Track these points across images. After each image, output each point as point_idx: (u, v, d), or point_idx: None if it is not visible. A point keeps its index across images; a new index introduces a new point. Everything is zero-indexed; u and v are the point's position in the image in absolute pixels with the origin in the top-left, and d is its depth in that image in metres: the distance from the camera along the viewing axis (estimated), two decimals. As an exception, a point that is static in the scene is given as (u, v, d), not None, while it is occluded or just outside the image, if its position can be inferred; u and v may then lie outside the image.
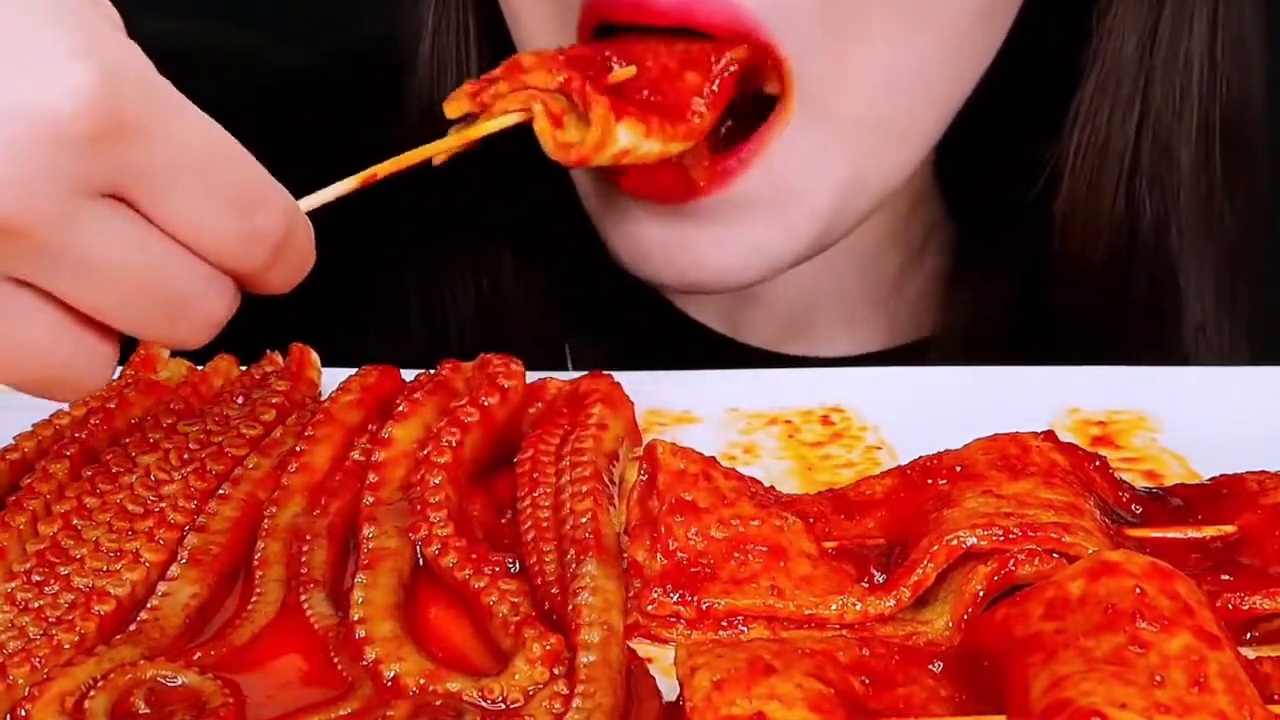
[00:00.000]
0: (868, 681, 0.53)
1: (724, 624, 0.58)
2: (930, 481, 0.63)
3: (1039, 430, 0.65)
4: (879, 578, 0.59)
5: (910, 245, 0.98)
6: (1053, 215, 0.88)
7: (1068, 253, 0.88)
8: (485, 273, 0.95)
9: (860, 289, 0.98)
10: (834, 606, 0.58)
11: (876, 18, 0.76)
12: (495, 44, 0.88)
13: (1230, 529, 0.61)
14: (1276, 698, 0.53)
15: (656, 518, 0.60)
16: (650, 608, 0.58)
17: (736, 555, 0.59)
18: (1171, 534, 0.62)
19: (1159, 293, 0.88)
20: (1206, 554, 0.61)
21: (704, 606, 0.58)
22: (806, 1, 0.75)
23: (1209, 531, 0.62)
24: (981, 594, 0.57)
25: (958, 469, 0.63)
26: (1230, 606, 0.57)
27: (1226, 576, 0.59)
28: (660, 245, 0.81)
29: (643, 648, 0.58)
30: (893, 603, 0.58)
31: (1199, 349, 0.90)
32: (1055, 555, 0.57)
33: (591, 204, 0.85)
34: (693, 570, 0.59)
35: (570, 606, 0.56)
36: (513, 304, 0.95)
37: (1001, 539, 0.57)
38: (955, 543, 0.58)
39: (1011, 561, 0.57)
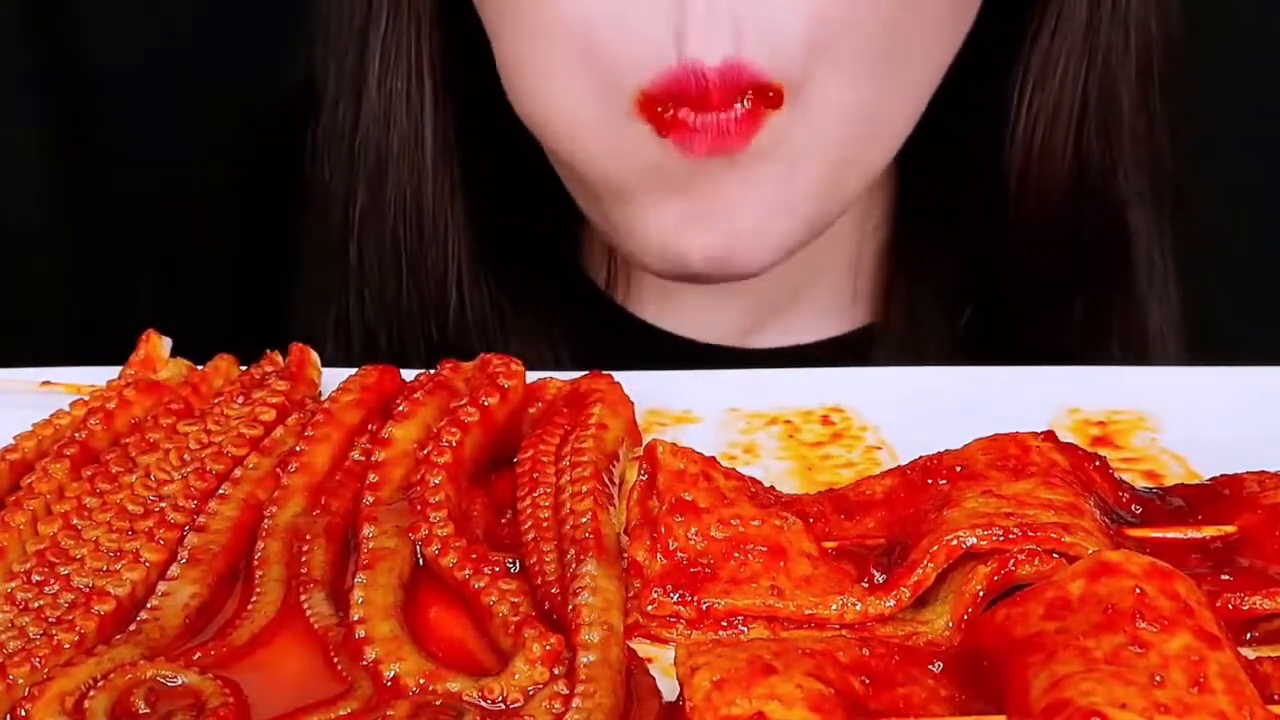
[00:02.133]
0: (868, 681, 0.53)
1: (724, 624, 0.58)
2: (930, 481, 0.63)
3: (1039, 430, 0.65)
4: (879, 578, 0.59)
5: (867, 224, 0.98)
6: (1006, 169, 0.90)
7: (1022, 206, 0.90)
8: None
9: (825, 273, 0.98)
10: (834, 606, 0.58)
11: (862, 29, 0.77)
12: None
13: (1230, 529, 0.61)
14: (1276, 698, 0.53)
15: (656, 518, 0.60)
16: (650, 608, 0.58)
17: (736, 555, 0.59)
18: (1171, 534, 0.62)
19: (1108, 235, 0.91)
20: (1206, 554, 0.61)
21: (704, 606, 0.58)
22: (794, 36, 0.76)
23: (1209, 531, 0.62)
24: (981, 594, 0.57)
25: (958, 469, 0.63)
26: (1230, 606, 0.57)
27: (1226, 576, 0.59)
28: (698, 219, 0.81)
29: (643, 648, 0.58)
30: (893, 603, 0.58)
31: (1150, 285, 0.93)
32: (1055, 555, 0.57)
33: (606, 207, 0.85)
34: (693, 570, 0.59)
35: (570, 606, 0.56)
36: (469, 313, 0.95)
37: (1001, 539, 0.57)
38: (955, 543, 0.58)
39: (1011, 561, 0.57)
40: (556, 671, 0.54)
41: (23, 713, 0.52)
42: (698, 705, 0.50)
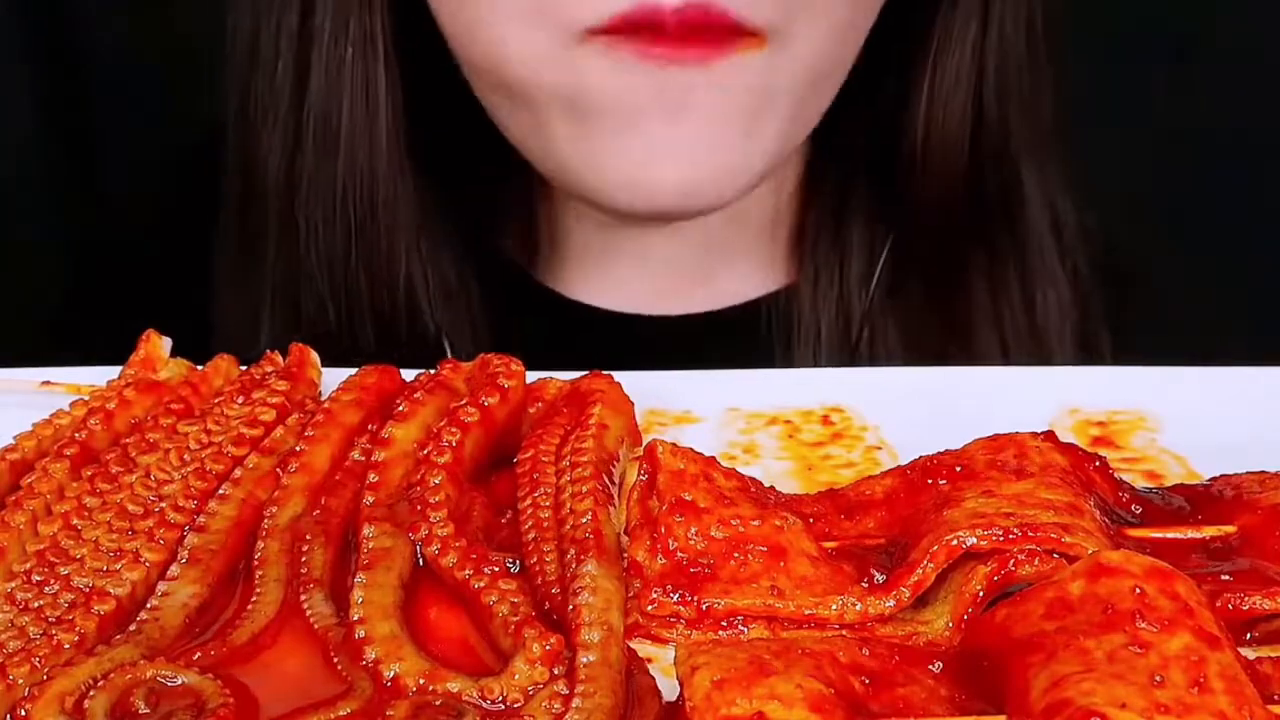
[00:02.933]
0: (868, 681, 0.53)
1: (724, 624, 0.58)
2: (930, 481, 0.63)
3: (1039, 430, 0.65)
4: (879, 578, 0.59)
5: (784, 185, 1.00)
6: (909, 133, 0.95)
7: (926, 165, 0.95)
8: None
9: (745, 234, 1.00)
10: (834, 607, 0.58)
11: None
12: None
13: (1230, 529, 0.61)
14: (1276, 698, 0.53)
15: (656, 518, 0.60)
16: (650, 608, 0.58)
17: (736, 555, 0.59)
18: (1171, 534, 0.62)
19: (1006, 190, 0.98)
20: (1206, 554, 0.61)
21: (704, 606, 0.58)
22: None
23: (1209, 531, 0.62)
24: (981, 594, 0.57)
25: (957, 469, 0.63)
26: (1230, 606, 0.57)
27: (1226, 577, 0.59)
28: (664, 153, 0.81)
29: (643, 648, 0.58)
30: (893, 603, 0.58)
31: (1042, 232, 0.99)
32: (1055, 555, 0.57)
33: (540, 129, 0.84)
34: (693, 570, 0.59)
35: (570, 607, 0.56)
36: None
37: (1001, 539, 0.57)
38: (955, 543, 0.58)
39: (1011, 561, 0.57)
40: (556, 671, 0.54)
41: (23, 713, 0.52)
42: (698, 705, 0.50)
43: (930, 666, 0.54)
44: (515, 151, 0.89)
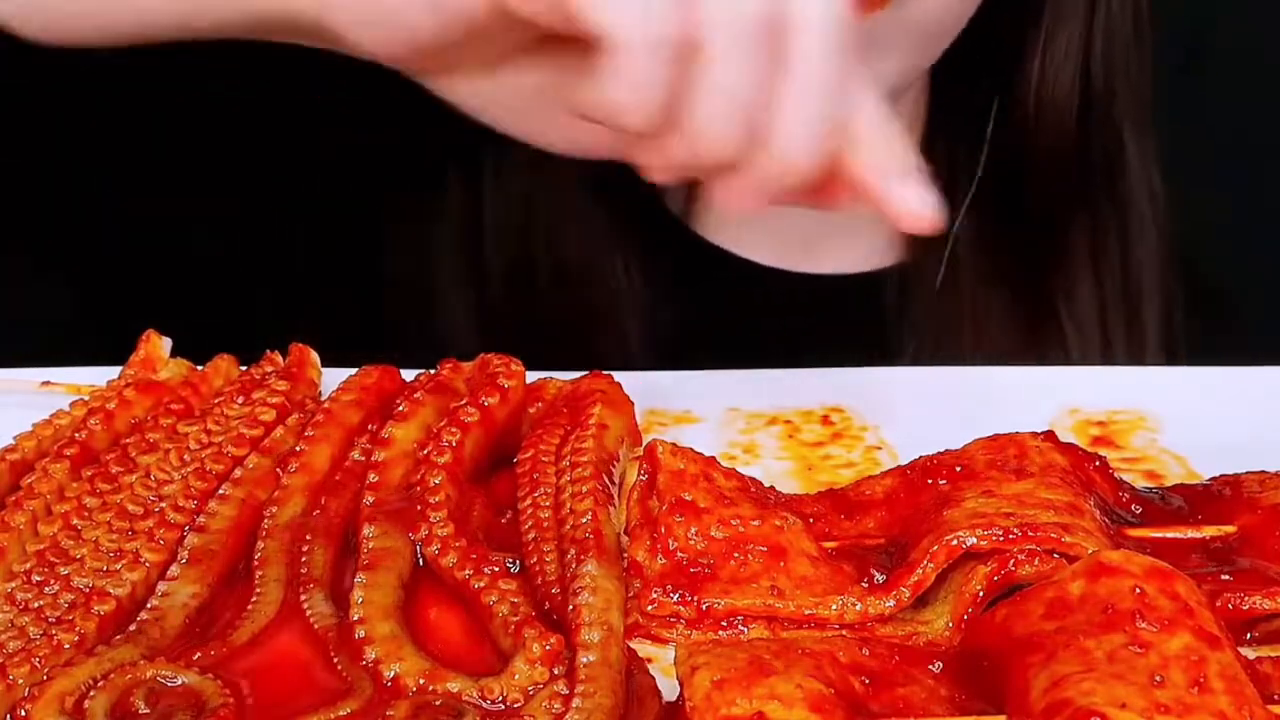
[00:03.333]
0: (868, 681, 0.53)
1: (724, 624, 0.58)
2: (930, 481, 0.63)
3: (1039, 430, 0.65)
4: (879, 578, 0.59)
5: None
6: (1022, 102, 1.01)
7: (1038, 130, 1.02)
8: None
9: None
10: (834, 607, 0.58)
11: None
12: None
13: (1230, 529, 0.61)
14: (1276, 698, 0.53)
15: (656, 518, 0.60)
16: (650, 608, 0.58)
17: (736, 555, 0.59)
18: (1171, 534, 0.62)
19: (1109, 157, 1.04)
20: (1207, 554, 0.61)
21: (704, 607, 0.58)
22: None
23: (1209, 531, 0.62)
24: (981, 594, 0.57)
25: (957, 469, 0.63)
26: (1230, 606, 0.57)
27: (1226, 576, 0.59)
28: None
29: (643, 648, 0.58)
30: (892, 603, 0.58)
31: (1142, 200, 1.05)
32: (1055, 555, 0.57)
33: None
34: (693, 570, 0.59)
35: (570, 607, 0.56)
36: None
37: (1001, 539, 0.57)
38: (955, 543, 0.58)
39: (1011, 562, 0.57)
40: (556, 671, 0.54)
41: (23, 713, 0.52)
42: (698, 705, 0.50)
43: (930, 666, 0.54)
44: None
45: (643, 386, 0.72)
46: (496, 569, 0.59)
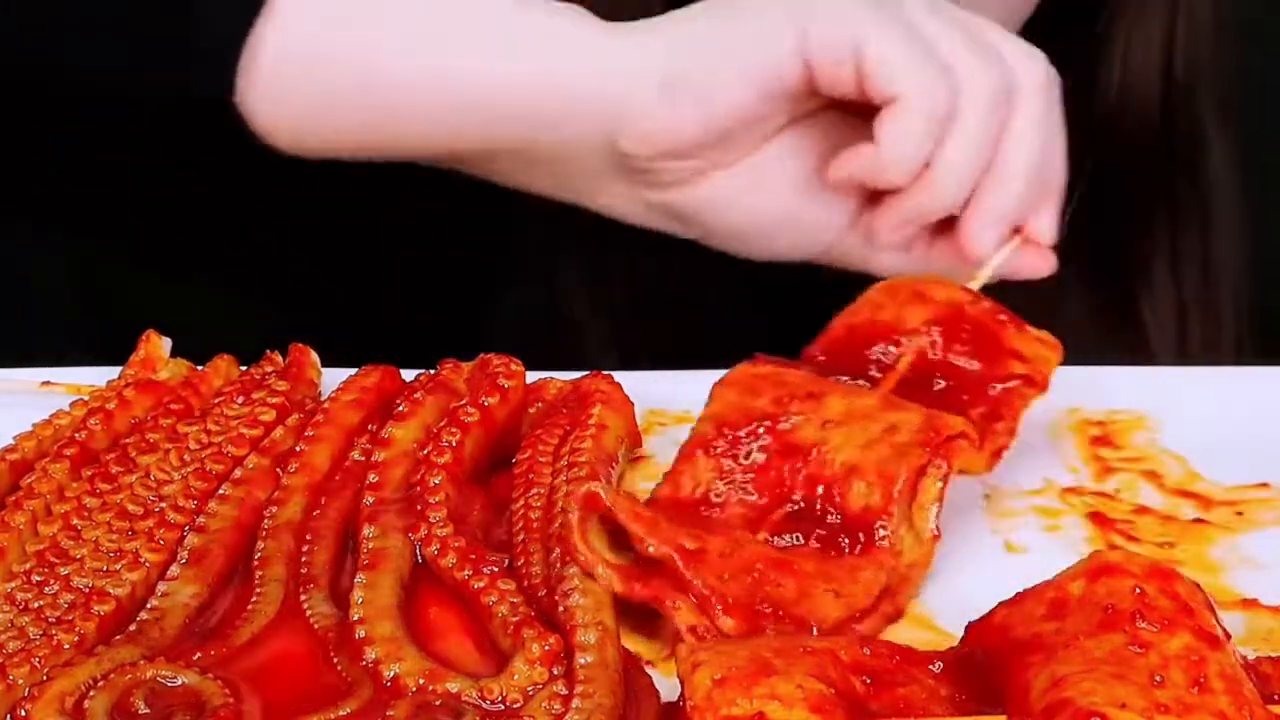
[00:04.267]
0: (868, 681, 0.53)
1: None
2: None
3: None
4: None
5: None
6: (1105, 89, 1.01)
7: (1121, 119, 1.01)
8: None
9: None
10: None
11: None
12: None
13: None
14: (1276, 698, 0.53)
15: None
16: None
17: None
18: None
19: (1191, 147, 1.04)
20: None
21: None
22: None
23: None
24: None
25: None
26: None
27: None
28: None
29: (641, 647, 0.58)
30: None
31: (1223, 190, 1.05)
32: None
33: None
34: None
35: (561, 608, 0.56)
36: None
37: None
38: None
39: None
40: (555, 671, 0.54)
41: (23, 713, 0.52)
42: (698, 704, 0.50)
43: (930, 666, 0.54)
44: None
45: (643, 386, 0.72)
46: (496, 569, 0.59)
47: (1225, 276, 1.04)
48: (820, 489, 0.62)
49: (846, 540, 0.61)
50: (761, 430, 0.64)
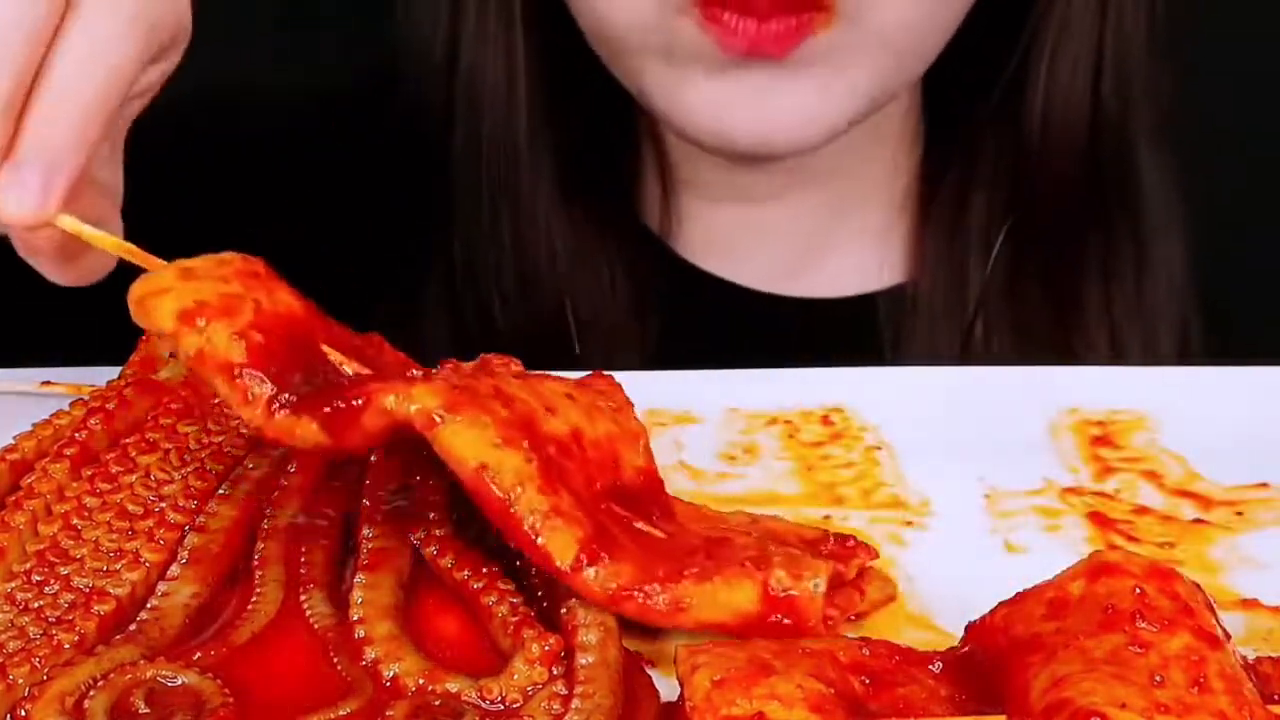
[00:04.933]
0: (868, 681, 0.53)
1: None
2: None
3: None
4: None
5: (902, 179, 1.04)
6: (1028, 118, 0.97)
7: (1045, 149, 0.98)
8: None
9: (861, 224, 1.04)
10: None
11: None
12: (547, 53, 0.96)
13: None
14: (1276, 698, 0.53)
15: None
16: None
17: None
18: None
19: (1122, 170, 1.00)
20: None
21: None
22: None
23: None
24: None
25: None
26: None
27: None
28: (743, 100, 0.87)
29: (642, 647, 0.58)
30: None
31: (1157, 219, 1.01)
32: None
33: (652, 79, 0.90)
34: None
35: (564, 608, 0.56)
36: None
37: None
38: None
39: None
40: (555, 671, 0.54)
41: (23, 713, 0.52)
42: (698, 705, 0.50)
43: (930, 666, 0.54)
44: (645, 120, 0.98)
45: (643, 386, 0.72)
46: (496, 569, 0.59)
47: (1163, 304, 1.01)
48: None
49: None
50: None
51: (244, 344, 0.58)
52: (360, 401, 0.57)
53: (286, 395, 0.57)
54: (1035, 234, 1.00)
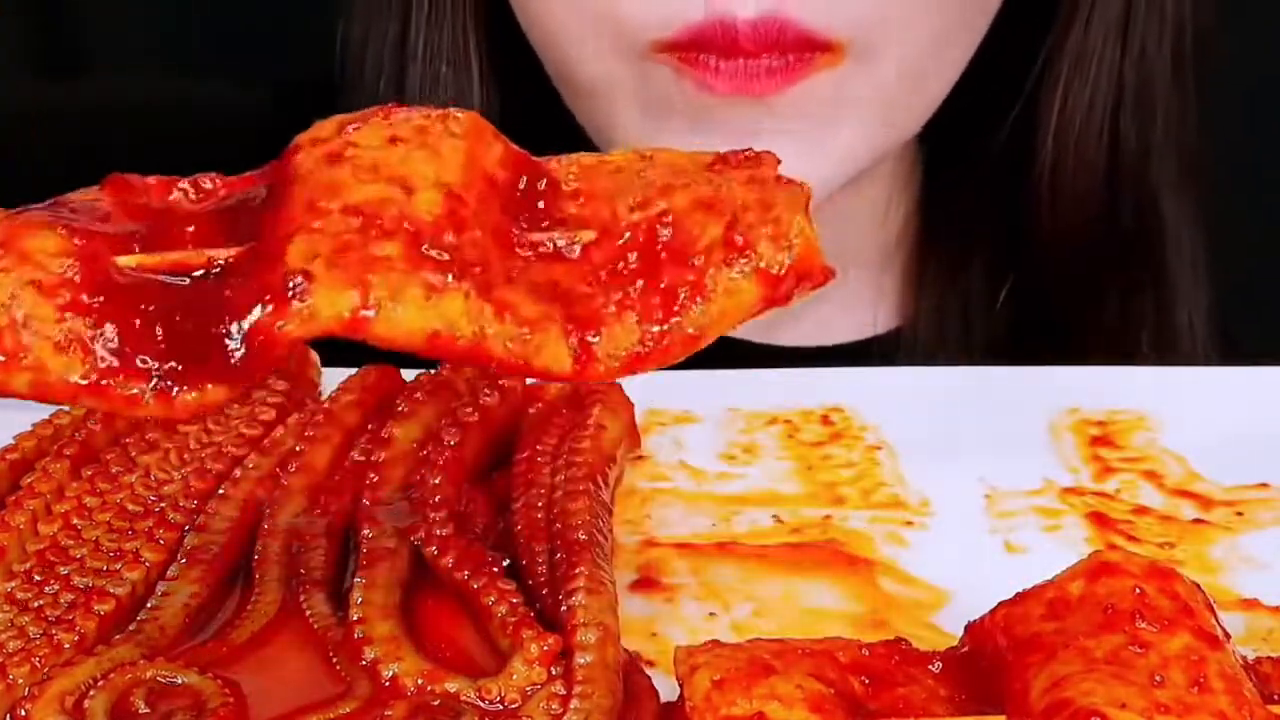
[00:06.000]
0: (868, 681, 0.53)
1: None
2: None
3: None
4: None
5: (893, 216, 0.97)
6: (1037, 161, 0.89)
7: (1056, 194, 0.90)
8: None
9: (854, 268, 0.97)
10: None
11: None
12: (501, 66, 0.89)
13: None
14: (1276, 698, 0.53)
15: None
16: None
17: None
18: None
19: (1142, 220, 0.91)
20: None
21: None
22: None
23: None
24: None
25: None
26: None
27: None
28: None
29: (641, 647, 0.58)
30: None
31: (1181, 271, 0.93)
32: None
33: (624, 131, 0.84)
34: None
35: (564, 608, 0.56)
36: None
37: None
38: None
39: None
40: (554, 672, 0.54)
41: (23, 713, 0.52)
42: (698, 705, 0.50)
43: (930, 666, 0.54)
44: None
45: (642, 386, 0.72)
46: (495, 570, 0.59)
47: (1183, 358, 0.93)
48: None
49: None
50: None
51: (78, 352, 0.48)
52: (262, 339, 0.48)
53: (162, 368, 0.48)
54: (1041, 290, 0.94)
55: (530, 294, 0.52)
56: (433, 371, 0.71)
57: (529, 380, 0.68)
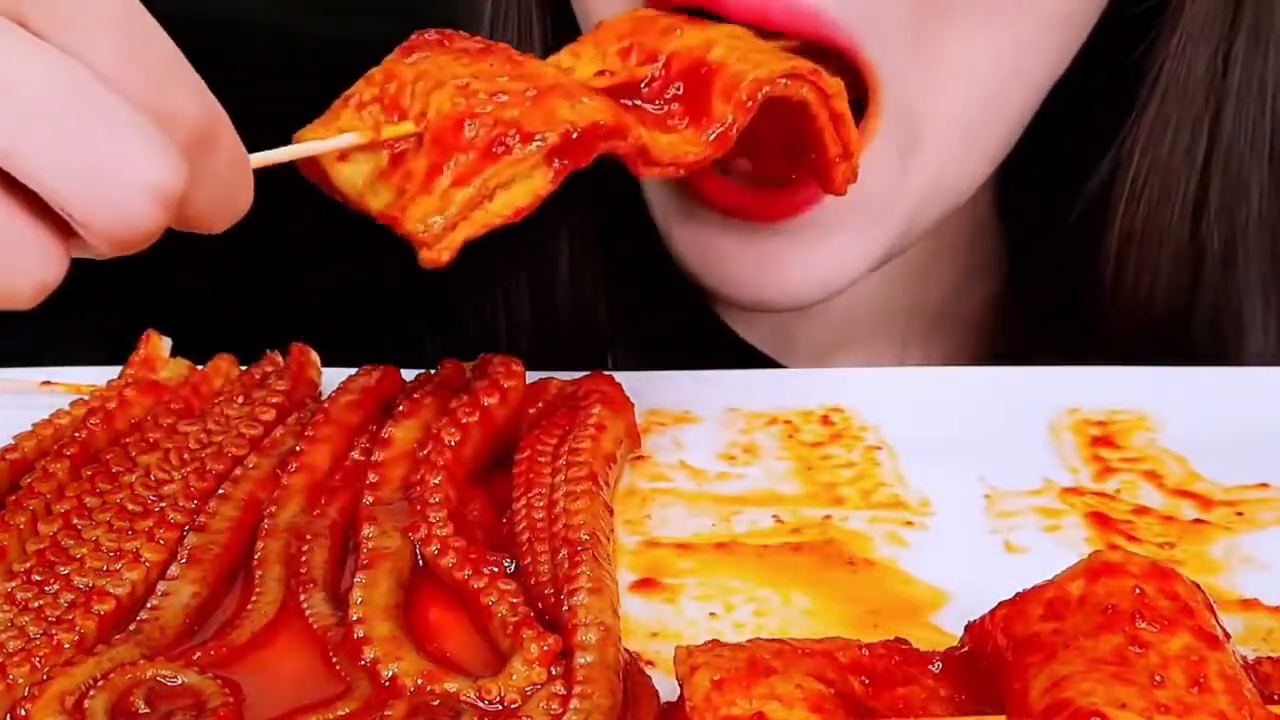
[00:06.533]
0: (868, 681, 0.53)
1: None
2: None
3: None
4: None
5: (963, 270, 0.94)
6: (1107, 244, 0.83)
7: (1122, 283, 0.83)
8: (542, 274, 0.94)
9: (911, 310, 0.94)
10: None
11: (961, 17, 0.72)
12: (558, 17, 0.85)
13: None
14: (1276, 698, 0.53)
15: None
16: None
17: None
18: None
19: (1221, 327, 0.84)
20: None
21: None
22: (893, 2, 0.70)
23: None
24: None
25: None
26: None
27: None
28: (741, 261, 0.77)
29: (641, 647, 0.58)
30: None
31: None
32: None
33: (660, 211, 0.81)
34: None
35: (565, 607, 0.56)
36: (563, 308, 0.94)
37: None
38: None
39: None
40: (554, 672, 0.54)
41: (23, 713, 0.52)
42: (698, 705, 0.50)
43: (930, 666, 0.54)
44: None
45: (642, 386, 0.72)
46: (495, 569, 0.59)
47: None
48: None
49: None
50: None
51: None
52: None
53: None
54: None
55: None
56: (433, 371, 0.71)
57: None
